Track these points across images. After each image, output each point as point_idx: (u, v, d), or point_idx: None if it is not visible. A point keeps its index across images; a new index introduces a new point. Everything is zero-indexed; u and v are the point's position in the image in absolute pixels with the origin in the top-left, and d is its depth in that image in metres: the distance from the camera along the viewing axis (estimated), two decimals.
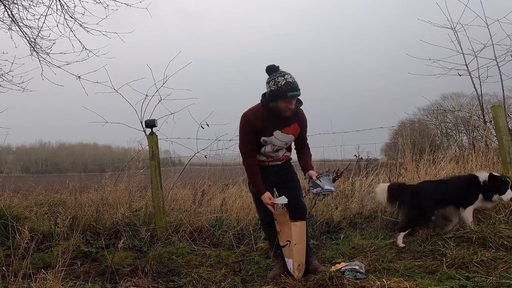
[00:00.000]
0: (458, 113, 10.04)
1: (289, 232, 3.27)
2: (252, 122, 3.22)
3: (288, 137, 3.33)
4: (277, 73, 3.15)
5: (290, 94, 3.08)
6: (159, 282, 3.39)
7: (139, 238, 4.70)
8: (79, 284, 3.33)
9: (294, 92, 3.09)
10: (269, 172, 3.41)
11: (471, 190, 4.10)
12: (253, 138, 3.26)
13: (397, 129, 9.46)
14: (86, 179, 6.76)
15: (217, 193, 5.71)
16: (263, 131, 3.24)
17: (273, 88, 3.11)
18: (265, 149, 3.34)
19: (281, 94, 3.08)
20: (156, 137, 5.06)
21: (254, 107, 3.31)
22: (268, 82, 3.17)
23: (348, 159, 6.21)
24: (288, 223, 3.28)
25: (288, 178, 3.50)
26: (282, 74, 3.13)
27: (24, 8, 5.77)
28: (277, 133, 3.26)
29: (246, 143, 3.30)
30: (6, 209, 5.05)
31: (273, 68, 3.19)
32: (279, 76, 3.12)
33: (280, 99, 3.10)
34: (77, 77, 5.84)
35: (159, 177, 4.99)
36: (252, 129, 3.23)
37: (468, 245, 3.63)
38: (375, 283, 2.80)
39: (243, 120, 3.28)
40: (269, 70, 3.20)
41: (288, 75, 3.12)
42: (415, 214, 4.09)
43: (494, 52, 5.78)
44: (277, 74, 3.13)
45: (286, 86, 3.07)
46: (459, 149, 6.08)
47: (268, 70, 3.20)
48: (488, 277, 2.81)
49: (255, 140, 3.28)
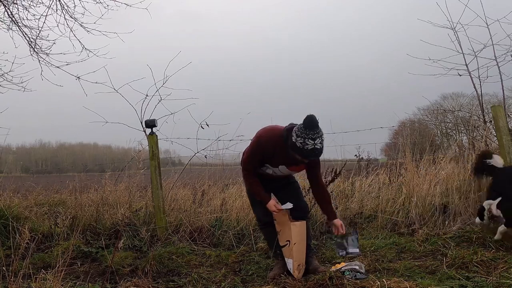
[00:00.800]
0: (458, 113, 10.03)
1: (288, 232, 3.27)
2: (264, 148, 3.18)
3: (291, 172, 3.40)
4: (310, 132, 2.91)
5: (312, 158, 3.05)
6: (159, 282, 3.39)
7: (139, 238, 4.70)
8: (79, 284, 3.33)
9: (314, 158, 3.05)
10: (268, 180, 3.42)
11: None
12: (259, 159, 3.27)
13: (397, 129, 9.47)
14: (86, 179, 6.76)
15: (217, 193, 5.71)
16: (270, 160, 3.25)
17: (298, 145, 2.93)
18: (264, 170, 3.35)
19: (303, 154, 2.97)
20: (156, 137, 5.07)
21: (272, 133, 3.19)
22: (298, 135, 2.94)
23: (348, 159, 6.20)
24: (287, 223, 3.29)
25: (287, 181, 3.52)
26: (314, 137, 2.90)
27: (24, 8, 5.78)
28: (282, 167, 3.28)
29: (251, 162, 3.30)
30: (6, 209, 5.05)
31: (312, 123, 2.93)
32: (310, 139, 2.90)
33: (299, 156, 3.01)
34: (77, 77, 5.85)
35: (159, 177, 4.99)
36: (261, 154, 3.22)
37: (468, 245, 3.63)
38: (375, 283, 2.80)
39: (257, 141, 3.24)
40: (307, 122, 2.93)
41: (319, 140, 2.92)
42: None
43: (494, 52, 5.78)
44: (309, 135, 2.90)
45: (312, 152, 2.93)
46: (459, 149, 6.07)
47: (306, 122, 2.94)
48: (488, 277, 2.81)
49: (260, 161, 3.28)
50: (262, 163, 3.29)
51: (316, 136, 2.92)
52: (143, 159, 5.02)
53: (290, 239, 3.26)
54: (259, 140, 3.22)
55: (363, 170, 6.16)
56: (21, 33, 5.89)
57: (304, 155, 2.97)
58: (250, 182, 3.36)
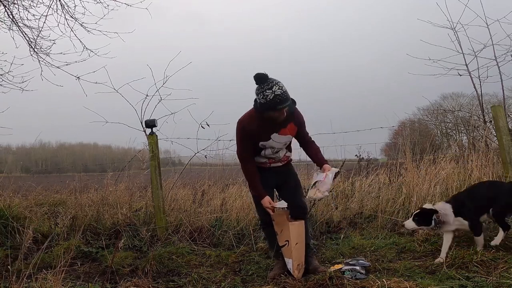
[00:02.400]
0: (458, 113, 10.03)
1: (287, 232, 3.27)
2: (247, 128, 3.24)
3: (286, 138, 3.34)
4: (265, 84, 3.04)
5: (279, 107, 3.05)
6: (159, 282, 3.39)
7: (139, 238, 4.70)
8: (79, 284, 3.33)
9: (283, 105, 3.05)
10: (270, 174, 3.42)
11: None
12: (250, 144, 3.29)
13: (397, 129, 9.47)
14: (86, 179, 6.76)
15: (217, 193, 5.71)
16: (260, 136, 3.25)
17: (262, 101, 3.06)
18: (265, 152, 3.35)
19: (270, 107, 3.05)
20: (156, 137, 5.07)
21: (248, 113, 3.31)
22: (257, 93, 3.10)
23: (348, 159, 6.21)
24: (286, 223, 3.29)
25: (289, 178, 3.51)
26: (270, 86, 3.02)
27: (25, 8, 5.77)
28: (275, 136, 3.27)
29: (243, 149, 3.32)
30: (6, 209, 5.06)
31: (261, 78, 3.07)
32: (267, 89, 3.02)
33: (270, 111, 3.09)
34: (77, 77, 5.85)
35: (159, 177, 4.99)
36: (249, 135, 3.25)
37: (468, 245, 3.62)
38: (375, 283, 2.80)
39: (239, 127, 3.29)
40: (258, 79, 3.08)
41: (276, 87, 3.02)
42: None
43: (494, 52, 5.78)
44: (265, 87, 3.03)
45: (274, 99, 3.01)
46: (459, 149, 6.07)
47: (256, 79, 3.09)
48: (488, 277, 2.81)
49: (252, 145, 3.29)
50: (256, 144, 3.29)
51: (271, 85, 3.03)
52: (147, 160, 5.02)
53: (289, 239, 3.26)
54: (240, 124, 3.29)
55: (363, 170, 6.17)
56: (21, 33, 5.89)
57: (271, 107, 3.04)
58: (249, 173, 3.35)
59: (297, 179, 3.60)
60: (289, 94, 3.11)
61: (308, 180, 4.68)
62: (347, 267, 3.29)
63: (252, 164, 3.34)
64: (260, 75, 3.08)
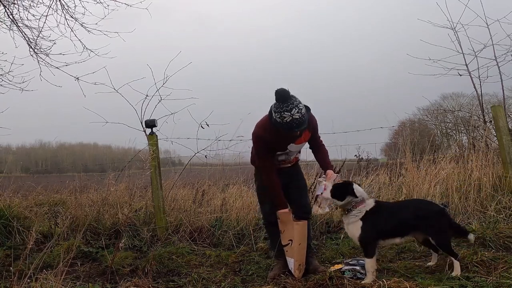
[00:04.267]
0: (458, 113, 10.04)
1: (291, 232, 3.27)
2: (264, 139, 3.20)
3: (301, 146, 3.41)
4: (284, 105, 2.92)
5: (296, 130, 3.01)
6: (159, 282, 3.39)
7: (139, 238, 4.70)
8: (79, 284, 3.33)
9: (299, 128, 3.01)
10: (280, 174, 3.41)
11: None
12: (268, 153, 3.27)
13: (397, 129, 9.48)
14: (86, 179, 6.76)
15: (217, 193, 5.71)
16: (276, 148, 3.27)
17: (278, 120, 2.97)
18: (278, 158, 3.38)
19: (285, 129, 2.99)
20: (156, 137, 5.06)
21: (262, 124, 3.23)
22: (275, 111, 2.97)
23: (348, 159, 6.20)
24: (291, 222, 3.30)
25: (297, 177, 3.56)
26: (289, 108, 2.91)
27: (25, 8, 5.78)
28: (291, 146, 3.30)
29: (263, 159, 3.30)
30: (6, 209, 5.06)
31: (282, 97, 2.94)
32: (286, 111, 2.91)
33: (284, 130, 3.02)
34: (76, 78, 5.84)
35: (159, 177, 4.99)
36: (266, 145, 3.23)
37: (468, 245, 3.63)
38: (375, 283, 2.81)
39: (255, 138, 3.26)
40: (279, 97, 2.95)
41: (295, 109, 2.91)
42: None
43: (494, 52, 5.79)
44: (284, 108, 2.91)
45: (291, 123, 2.93)
46: (459, 149, 6.07)
47: (277, 96, 2.96)
48: (488, 277, 2.81)
49: (271, 154, 3.29)
50: (273, 152, 3.29)
51: (291, 107, 2.92)
52: (147, 160, 5.01)
53: (293, 239, 3.26)
54: (256, 136, 3.25)
55: (363, 170, 6.17)
56: (21, 33, 5.89)
57: (286, 129, 2.98)
58: (272, 184, 3.29)
59: (303, 178, 3.64)
60: (307, 115, 3.03)
61: (308, 180, 4.67)
62: (347, 267, 3.29)
63: (274, 174, 3.30)
64: (282, 94, 2.94)
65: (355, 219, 3.08)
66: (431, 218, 3.05)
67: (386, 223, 3.06)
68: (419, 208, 3.17)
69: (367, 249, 3.03)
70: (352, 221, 3.09)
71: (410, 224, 3.08)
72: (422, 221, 3.05)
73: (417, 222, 3.06)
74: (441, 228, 3.04)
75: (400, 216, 3.09)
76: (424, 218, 3.06)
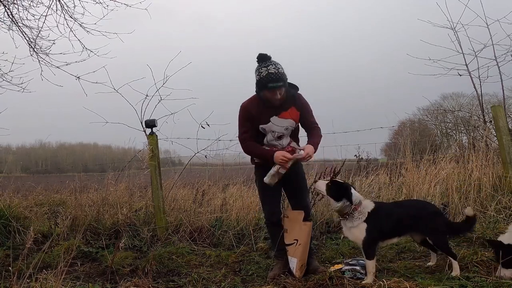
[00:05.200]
0: (458, 113, 10.05)
1: (298, 231, 3.27)
2: (248, 109, 3.30)
3: (287, 122, 3.31)
4: (262, 63, 3.17)
5: (271, 85, 3.09)
6: (159, 282, 3.39)
7: (139, 238, 4.70)
8: (79, 284, 3.33)
9: (274, 84, 3.09)
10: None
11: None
12: (250, 125, 3.31)
13: (397, 129, 9.48)
14: (86, 179, 6.76)
15: (217, 193, 5.71)
16: (259, 118, 3.28)
17: (257, 78, 3.18)
18: (267, 139, 3.34)
19: (262, 85, 3.13)
20: (156, 137, 5.06)
21: (250, 97, 3.38)
22: (255, 72, 3.21)
23: (348, 159, 6.21)
24: (299, 221, 3.29)
25: (297, 178, 3.45)
26: (266, 64, 3.14)
27: (24, 8, 5.78)
28: (274, 119, 3.28)
29: (243, 131, 3.35)
30: (6, 209, 5.06)
31: (262, 58, 3.20)
32: (263, 66, 3.14)
33: (264, 89, 3.15)
34: (76, 77, 5.85)
35: (159, 177, 4.99)
36: (249, 116, 3.29)
37: (468, 245, 3.63)
38: (375, 283, 2.80)
39: (240, 109, 3.36)
40: (259, 59, 3.21)
41: (272, 66, 3.12)
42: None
43: (494, 52, 5.79)
44: (262, 65, 3.16)
45: (267, 77, 3.09)
46: (459, 149, 6.07)
47: (258, 58, 3.21)
48: (488, 277, 2.81)
49: (253, 127, 3.31)
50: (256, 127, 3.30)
51: (268, 63, 3.14)
52: (147, 160, 5.01)
53: (298, 239, 3.26)
54: (241, 107, 3.36)
55: (363, 170, 6.17)
56: (21, 33, 5.90)
57: (263, 84, 3.11)
58: (251, 149, 3.34)
59: (304, 179, 3.56)
60: (285, 76, 3.17)
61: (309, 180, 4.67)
62: (347, 267, 3.29)
63: (252, 142, 3.32)
64: (263, 55, 3.19)
65: (359, 221, 3.05)
66: (428, 218, 3.06)
67: (387, 224, 3.06)
68: (416, 208, 3.18)
69: (369, 251, 3.02)
70: (356, 224, 3.06)
71: (408, 224, 3.08)
72: (419, 221, 3.06)
73: (414, 222, 3.07)
74: (438, 228, 3.04)
75: (399, 216, 3.09)
76: (420, 218, 3.06)
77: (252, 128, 3.32)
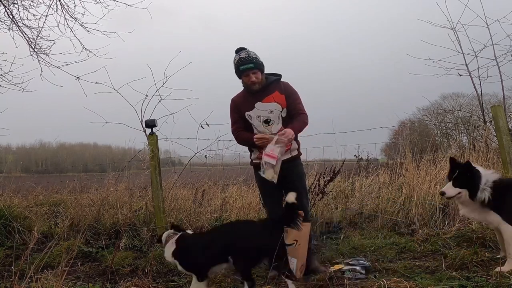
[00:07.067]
0: (458, 113, 10.06)
1: (298, 232, 3.26)
2: (234, 100, 3.53)
3: (270, 105, 3.38)
4: (237, 53, 3.40)
5: (242, 67, 3.32)
6: (159, 282, 3.39)
7: (139, 238, 4.70)
8: (79, 284, 3.33)
9: (245, 66, 3.31)
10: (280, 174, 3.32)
11: None
12: (238, 116, 3.48)
13: (397, 129, 9.49)
14: (86, 179, 6.77)
15: (217, 193, 5.72)
16: (245, 106, 3.43)
17: (234, 66, 3.40)
18: (255, 126, 3.42)
19: (236, 69, 3.38)
20: (156, 137, 5.06)
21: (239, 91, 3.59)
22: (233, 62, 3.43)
23: (348, 159, 6.21)
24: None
25: (294, 178, 3.43)
26: (239, 52, 3.38)
27: (25, 8, 5.78)
28: (258, 104, 3.41)
29: (233, 122, 3.54)
30: (6, 209, 5.06)
31: (238, 49, 3.43)
32: (236, 55, 3.39)
33: (240, 75, 3.39)
34: (76, 77, 5.84)
35: (159, 177, 4.98)
36: (235, 107, 3.49)
37: (468, 245, 3.63)
38: (375, 283, 2.80)
39: (231, 103, 3.56)
40: (236, 51, 3.43)
41: (243, 52, 3.36)
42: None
43: (494, 52, 5.79)
44: (237, 54, 3.39)
45: (238, 62, 3.35)
46: (459, 149, 6.07)
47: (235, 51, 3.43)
48: (488, 277, 2.81)
49: (241, 118, 3.46)
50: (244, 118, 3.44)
51: (241, 51, 3.40)
52: (147, 160, 5.01)
53: (298, 239, 3.26)
54: (231, 100, 3.56)
55: (363, 170, 6.17)
56: (21, 33, 5.90)
57: (236, 68, 3.38)
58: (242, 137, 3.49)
59: (302, 179, 3.53)
60: (257, 60, 3.34)
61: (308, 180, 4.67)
62: (347, 267, 3.29)
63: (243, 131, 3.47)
64: (239, 47, 3.45)
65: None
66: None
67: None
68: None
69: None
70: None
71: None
72: None
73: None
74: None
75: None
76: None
77: (241, 119, 3.47)
